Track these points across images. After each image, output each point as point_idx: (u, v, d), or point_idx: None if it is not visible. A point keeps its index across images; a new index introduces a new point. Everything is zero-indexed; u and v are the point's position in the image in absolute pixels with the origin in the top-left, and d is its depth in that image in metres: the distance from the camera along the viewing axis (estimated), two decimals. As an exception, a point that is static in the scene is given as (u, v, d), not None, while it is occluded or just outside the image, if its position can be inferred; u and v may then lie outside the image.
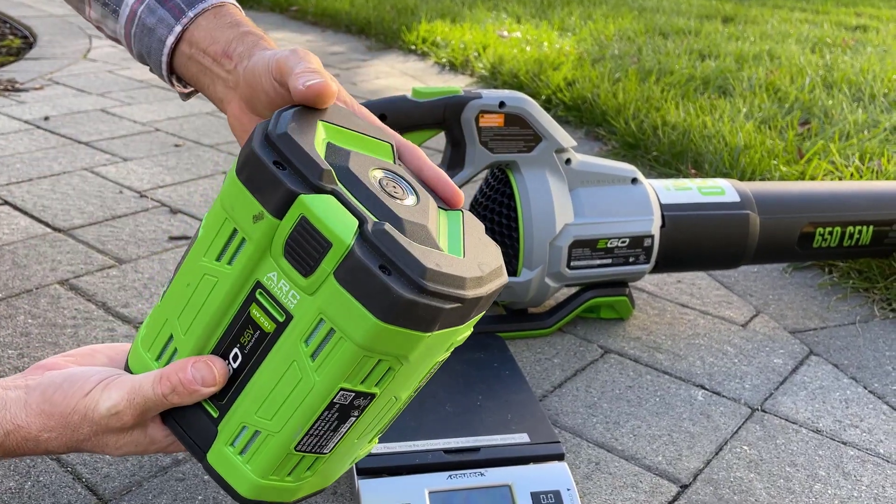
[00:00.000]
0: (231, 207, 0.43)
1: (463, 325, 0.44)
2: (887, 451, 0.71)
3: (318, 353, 0.42)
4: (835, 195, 0.95)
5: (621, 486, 0.64)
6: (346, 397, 0.43)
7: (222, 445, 0.47)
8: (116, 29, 0.67)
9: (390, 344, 0.41)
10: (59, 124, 1.58)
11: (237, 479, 0.47)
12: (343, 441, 0.47)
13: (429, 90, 0.79)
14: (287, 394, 0.43)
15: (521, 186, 0.82)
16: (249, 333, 0.44)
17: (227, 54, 0.57)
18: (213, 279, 0.45)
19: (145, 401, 0.47)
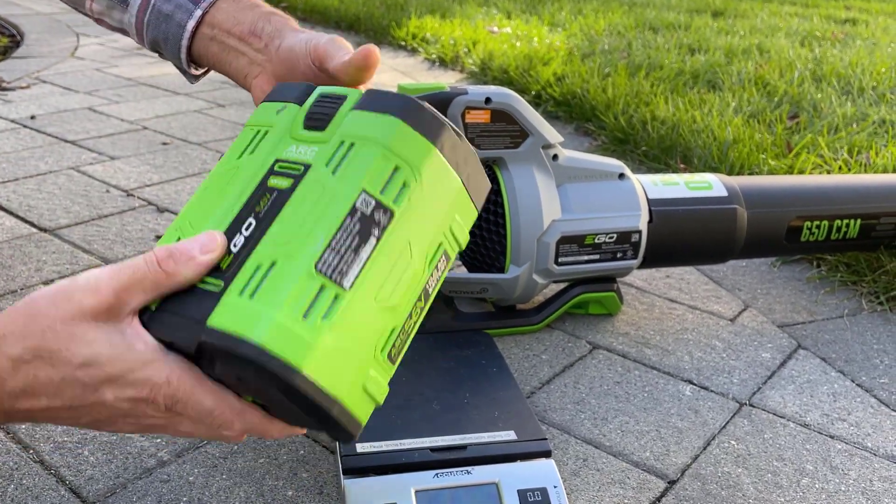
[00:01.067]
0: (254, 118, 0.51)
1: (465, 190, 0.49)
2: (875, 445, 0.71)
3: (339, 167, 0.45)
4: (822, 189, 0.95)
5: (609, 483, 0.64)
6: (367, 204, 0.44)
7: (229, 298, 0.42)
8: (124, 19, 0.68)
9: (404, 146, 0.46)
10: (46, 123, 1.57)
11: (245, 321, 0.41)
12: (364, 275, 0.44)
13: (414, 86, 0.79)
14: (309, 209, 0.43)
15: (507, 183, 0.82)
16: (266, 199, 0.46)
17: (255, 33, 0.61)
18: (232, 172, 0.48)
19: (133, 271, 0.43)
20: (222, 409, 0.45)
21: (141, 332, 0.44)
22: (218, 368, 0.44)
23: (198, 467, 0.63)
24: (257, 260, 0.43)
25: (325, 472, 0.63)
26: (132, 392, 0.43)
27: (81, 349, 0.42)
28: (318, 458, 0.65)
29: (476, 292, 0.84)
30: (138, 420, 0.45)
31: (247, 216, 0.46)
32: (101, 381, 0.43)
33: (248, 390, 0.46)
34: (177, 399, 0.44)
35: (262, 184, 0.47)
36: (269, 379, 0.41)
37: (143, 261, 0.43)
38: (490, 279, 0.83)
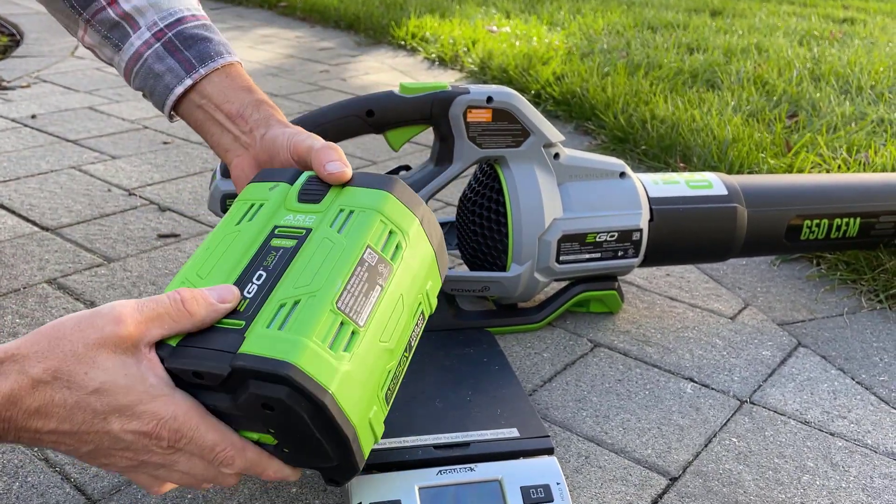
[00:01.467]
0: (245, 195, 0.56)
1: (435, 260, 0.56)
2: (875, 442, 0.72)
3: (343, 228, 0.52)
4: (822, 188, 0.95)
5: (611, 480, 0.65)
6: (372, 258, 0.51)
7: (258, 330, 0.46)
8: (115, 59, 0.70)
9: (395, 215, 0.53)
10: (47, 122, 1.57)
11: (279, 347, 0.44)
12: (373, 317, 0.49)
13: (416, 85, 0.79)
14: (322, 259, 0.49)
15: (509, 181, 0.82)
16: (272, 256, 0.51)
17: (242, 117, 0.65)
18: (233, 235, 0.53)
19: (156, 306, 0.45)
20: (224, 445, 0.47)
21: (155, 365, 0.45)
22: (244, 397, 0.45)
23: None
24: (279, 299, 0.47)
25: (329, 470, 0.64)
26: (138, 424, 0.45)
27: (99, 375, 0.43)
28: (321, 456, 0.65)
29: (478, 290, 0.84)
30: (136, 455, 0.46)
31: (256, 270, 0.50)
32: (111, 410, 0.44)
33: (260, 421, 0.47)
34: (181, 434, 0.45)
35: (265, 244, 0.52)
36: (300, 400, 0.44)
37: (168, 298, 0.46)
38: (492, 277, 0.83)
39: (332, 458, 0.48)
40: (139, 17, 0.67)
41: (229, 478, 0.50)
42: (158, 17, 0.67)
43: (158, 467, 0.48)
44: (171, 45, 0.66)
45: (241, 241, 0.52)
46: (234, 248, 0.52)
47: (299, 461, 0.51)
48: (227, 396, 0.46)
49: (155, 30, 0.67)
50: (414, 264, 0.54)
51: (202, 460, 0.48)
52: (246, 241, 0.52)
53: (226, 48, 0.68)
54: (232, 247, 0.52)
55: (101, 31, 0.69)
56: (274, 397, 0.44)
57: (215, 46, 0.67)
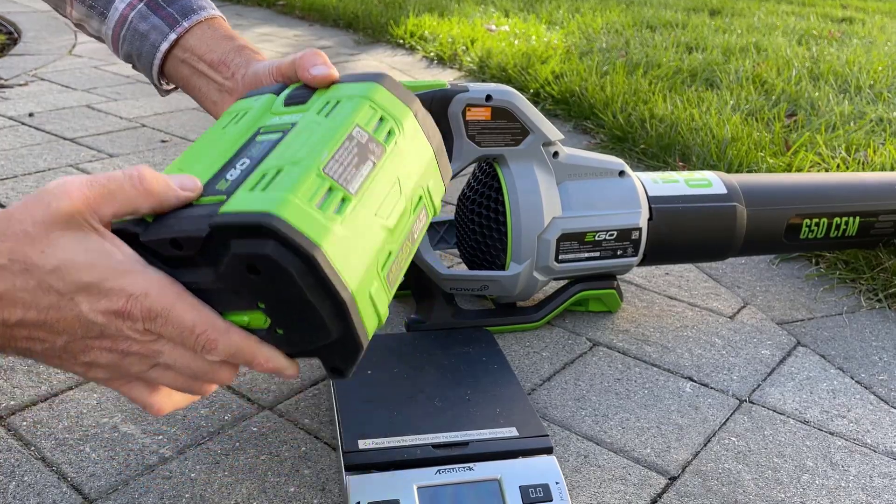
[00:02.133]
0: (233, 107, 0.56)
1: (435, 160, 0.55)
2: (874, 441, 0.71)
3: (331, 113, 0.50)
4: (821, 187, 0.95)
5: (610, 479, 0.65)
6: (362, 135, 0.48)
7: (240, 194, 0.43)
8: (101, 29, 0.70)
9: (386, 103, 0.51)
10: (44, 121, 1.57)
11: (260, 201, 0.41)
12: (365, 188, 0.46)
13: (415, 84, 0.79)
14: (307, 137, 0.47)
15: (508, 180, 0.82)
16: (257, 148, 0.48)
17: (225, 63, 0.64)
18: (218, 135, 0.52)
19: (108, 181, 0.41)
20: (204, 326, 0.43)
21: (118, 242, 0.42)
22: (226, 262, 0.42)
23: (199, 464, 0.63)
24: (262, 171, 0.45)
25: (327, 469, 0.63)
26: (107, 303, 0.41)
27: (56, 253, 0.41)
28: (319, 455, 0.65)
29: (477, 290, 0.84)
30: (114, 344, 0.43)
31: (239, 159, 0.48)
32: (76, 289, 0.41)
33: (247, 291, 0.43)
34: (155, 313, 0.42)
35: (250, 139, 0.50)
36: (287, 255, 0.40)
37: (123, 174, 0.42)
38: (491, 276, 0.83)
39: (330, 329, 0.44)
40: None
41: (220, 370, 0.46)
42: None
43: (143, 362, 0.45)
44: (154, 3, 0.67)
45: (225, 140, 0.51)
46: (218, 146, 0.50)
47: (294, 344, 0.46)
48: (208, 270, 0.43)
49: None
50: (410, 152, 0.52)
51: (184, 347, 0.44)
52: (230, 139, 0.51)
53: (207, 2, 0.68)
54: (216, 144, 0.51)
55: (86, 1, 0.69)
56: (259, 254, 0.40)
57: (197, 1, 0.67)
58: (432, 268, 0.82)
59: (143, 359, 0.45)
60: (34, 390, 0.71)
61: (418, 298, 0.87)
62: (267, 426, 0.68)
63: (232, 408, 0.70)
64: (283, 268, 0.40)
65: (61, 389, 0.71)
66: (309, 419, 0.69)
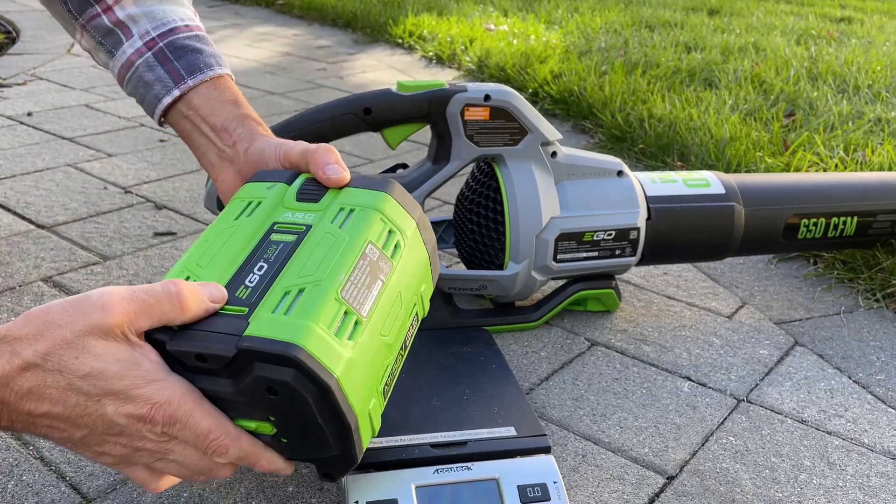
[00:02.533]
0: (242, 193, 0.57)
1: (429, 264, 0.57)
2: (872, 441, 0.72)
3: (344, 224, 0.52)
4: (819, 187, 0.95)
5: (608, 479, 0.65)
6: (374, 253, 0.51)
7: (263, 314, 0.45)
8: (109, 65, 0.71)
9: (394, 215, 0.54)
10: (43, 120, 1.57)
11: (285, 329, 0.44)
12: (375, 310, 0.49)
13: (414, 84, 0.79)
14: (325, 252, 0.50)
15: (506, 180, 0.82)
16: (273, 249, 0.51)
17: (227, 130, 0.64)
18: (232, 229, 0.53)
19: (147, 297, 0.44)
20: (219, 433, 0.47)
21: (148, 351, 0.45)
22: (248, 380, 0.44)
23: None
24: (284, 287, 0.48)
25: (326, 468, 0.63)
26: (132, 408, 0.44)
27: (89, 360, 0.43)
28: (318, 455, 0.65)
29: (475, 289, 0.84)
30: (130, 442, 0.46)
31: (257, 261, 0.50)
32: (104, 394, 0.44)
33: (262, 406, 0.46)
34: (175, 419, 0.45)
35: (265, 237, 0.52)
36: (307, 384, 0.44)
37: (163, 290, 0.45)
38: (489, 276, 0.83)
39: (332, 447, 0.48)
40: (132, 25, 0.67)
41: (223, 469, 0.49)
42: (151, 27, 0.67)
43: (153, 456, 0.47)
44: (162, 55, 0.67)
45: (240, 235, 0.53)
46: (234, 241, 0.52)
47: (296, 452, 0.50)
48: (228, 381, 0.45)
49: (147, 39, 0.67)
50: (411, 264, 0.55)
51: (196, 449, 0.47)
52: (245, 234, 0.53)
53: (216, 60, 0.68)
54: (232, 240, 0.52)
55: (95, 36, 0.69)
56: (280, 380, 0.43)
57: (205, 58, 0.67)
58: (431, 267, 0.82)
59: (153, 454, 0.47)
60: (33, 390, 0.71)
61: (417, 298, 0.87)
62: (265, 426, 0.68)
63: (230, 407, 0.70)
64: (302, 395, 0.44)
65: (60, 389, 0.71)
66: (307, 419, 0.69)
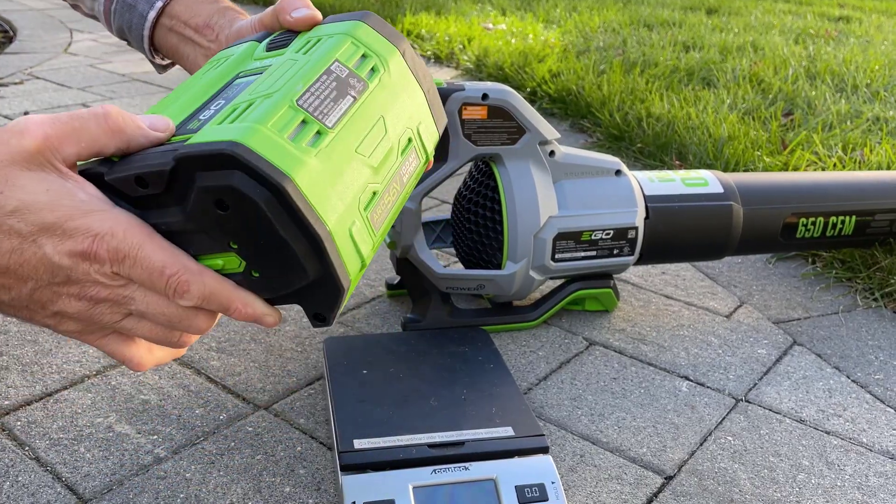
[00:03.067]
0: (215, 57, 0.55)
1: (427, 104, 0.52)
2: (870, 440, 0.71)
3: (309, 50, 0.48)
4: (818, 186, 0.95)
5: (606, 479, 0.64)
6: (342, 70, 0.46)
7: (207, 128, 0.41)
8: (94, 7, 0.70)
9: (370, 41, 0.49)
10: (39, 119, 1.57)
11: (225, 132, 0.39)
12: (344, 122, 0.44)
13: (411, 82, 0.79)
14: (283, 72, 0.45)
15: (504, 179, 0.82)
16: (234, 90, 0.47)
17: (209, 26, 0.64)
18: (196, 80, 0.51)
19: (70, 119, 0.39)
20: (175, 266, 0.41)
21: (82, 181, 0.40)
22: (192, 198, 0.39)
23: (195, 464, 0.63)
24: (233, 106, 0.43)
25: (323, 469, 0.63)
26: (72, 244, 0.39)
27: (15, 192, 0.38)
28: (315, 455, 0.65)
29: (473, 289, 0.84)
30: (82, 290, 0.41)
31: (215, 100, 0.46)
32: (39, 230, 0.39)
33: (217, 230, 0.41)
34: (123, 253, 0.40)
35: (229, 83, 0.49)
36: (255, 186, 0.38)
37: (88, 111, 0.40)
38: (487, 276, 0.83)
39: (306, 268, 0.41)
40: None
41: (196, 318, 0.43)
42: None
43: (113, 310, 0.42)
44: None
45: (202, 84, 0.50)
46: (195, 90, 0.49)
47: (272, 288, 0.44)
48: (177, 209, 0.41)
49: None
50: (396, 91, 0.49)
51: (155, 292, 0.42)
52: (208, 83, 0.50)
53: None
54: (194, 89, 0.49)
55: None
56: (224, 185, 0.38)
57: None
58: (429, 267, 0.82)
59: (113, 306, 0.42)
60: (28, 390, 0.71)
61: (414, 297, 0.87)
62: (262, 426, 0.68)
63: (227, 408, 0.70)
64: (251, 199, 0.38)
65: (56, 389, 0.71)
66: (304, 419, 0.69)
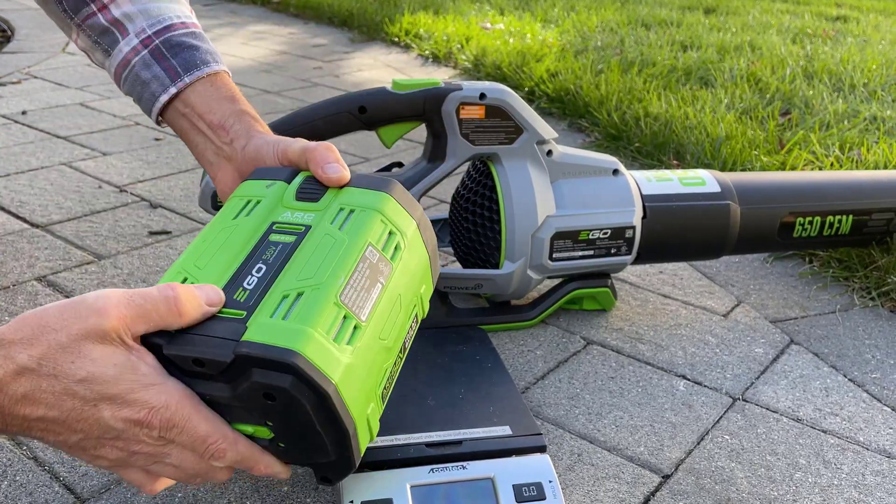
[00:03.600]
0: (241, 192, 0.56)
1: (429, 264, 0.56)
2: (867, 439, 0.72)
3: (344, 225, 0.51)
4: (815, 185, 0.95)
5: (603, 478, 0.65)
6: (373, 255, 0.50)
7: (261, 319, 0.45)
8: (105, 64, 0.70)
9: (394, 216, 0.53)
10: (37, 118, 1.56)
11: (283, 335, 0.44)
12: (374, 313, 0.49)
13: (409, 82, 0.79)
14: (325, 254, 0.49)
15: (502, 179, 0.82)
16: (272, 250, 0.50)
17: (224, 128, 0.64)
18: (230, 229, 0.52)
19: (144, 302, 0.44)
20: (216, 437, 0.46)
21: (145, 355, 0.45)
22: (245, 386, 0.44)
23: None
24: (282, 291, 0.47)
25: (321, 468, 0.63)
26: (129, 412, 0.44)
27: (86, 365, 0.43)
28: (313, 454, 0.65)
29: (470, 288, 0.84)
30: (126, 445, 0.45)
31: (255, 263, 0.50)
32: (101, 398, 0.43)
33: (259, 412, 0.46)
34: (173, 424, 0.45)
35: (263, 238, 0.52)
36: (304, 390, 0.43)
37: (159, 294, 0.44)
38: (485, 275, 0.83)
39: (330, 453, 0.47)
40: (128, 24, 0.67)
41: (220, 472, 0.49)
42: (147, 24, 0.67)
43: (149, 460, 0.47)
44: (158, 52, 0.66)
45: (238, 235, 0.52)
46: (232, 242, 0.51)
47: (293, 457, 0.50)
48: (225, 386, 0.45)
49: (143, 36, 0.67)
50: (411, 266, 0.54)
51: (193, 453, 0.47)
52: (244, 234, 0.52)
53: (213, 56, 0.67)
54: (230, 240, 0.51)
55: (91, 36, 0.69)
56: (278, 386, 0.43)
57: (202, 55, 0.66)
58: (426, 266, 0.82)
59: (149, 457, 0.47)
60: (26, 389, 0.71)
61: (412, 297, 0.87)
62: (260, 425, 0.68)
63: (225, 407, 0.70)
64: (300, 401, 0.43)
65: (54, 388, 0.71)
66: (302, 418, 0.69)
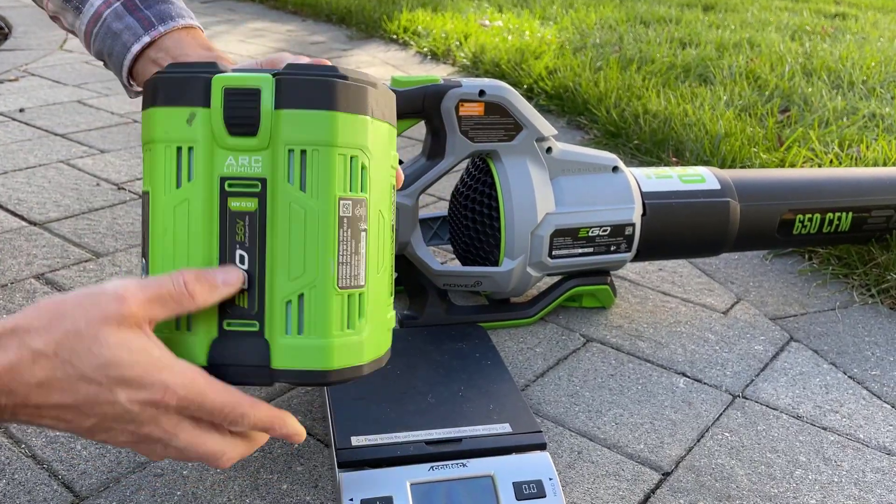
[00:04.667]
0: (164, 133, 0.47)
1: (393, 127, 0.53)
2: (867, 436, 0.72)
3: (304, 182, 0.47)
4: (814, 182, 0.95)
5: (603, 475, 0.65)
6: (347, 207, 0.48)
7: (278, 339, 0.47)
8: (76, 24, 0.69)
9: (349, 134, 0.47)
10: (35, 116, 1.56)
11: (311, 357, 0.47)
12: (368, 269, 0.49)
13: (408, 79, 0.79)
14: (302, 234, 0.47)
15: (502, 176, 0.82)
16: (241, 227, 0.47)
17: None
18: (184, 205, 0.47)
19: (160, 287, 0.45)
20: (233, 404, 0.47)
21: (155, 339, 0.46)
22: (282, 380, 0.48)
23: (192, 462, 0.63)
24: (282, 297, 0.47)
25: (320, 466, 0.63)
26: (145, 395, 0.44)
27: (103, 351, 0.43)
28: (312, 452, 0.65)
29: (470, 286, 0.84)
30: (139, 428, 0.45)
31: (233, 248, 0.47)
32: (117, 383, 0.43)
33: None
34: (189, 400, 0.45)
35: (224, 210, 0.47)
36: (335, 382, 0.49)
37: (171, 280, 0.46)
38: (484, 272, 0.83)
39: None
40: None
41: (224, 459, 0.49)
42: None
43: (156, 443, 0.47)
44: (131, 3, 0.66)
45: (195, 213, 0.47)
46: (194, 226, 0.47)
47: None
48: None
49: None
50: (379, 163, 0.50)
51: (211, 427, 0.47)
52: (199, 208, 0.47)
53: (187, 13, 0.67)
54: (191, 225, 0.47)
55: None
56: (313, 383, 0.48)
57: (176, 9, 0.66)
58: (426, 264, 0.82)
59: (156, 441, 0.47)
60: (25, 387, 0.71)
61: (412, 295, 0.87)
62: (259, 423, 0.68)
63: (224, 405, 0.70)
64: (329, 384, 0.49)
65: (52, 387, 0.71)
66: (301, 416, 0.69)
